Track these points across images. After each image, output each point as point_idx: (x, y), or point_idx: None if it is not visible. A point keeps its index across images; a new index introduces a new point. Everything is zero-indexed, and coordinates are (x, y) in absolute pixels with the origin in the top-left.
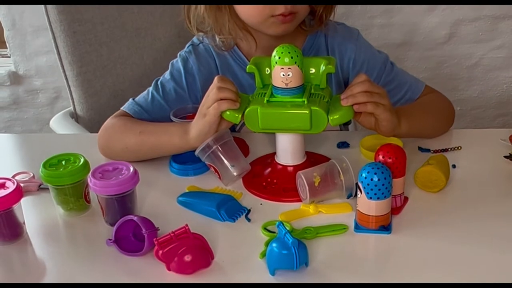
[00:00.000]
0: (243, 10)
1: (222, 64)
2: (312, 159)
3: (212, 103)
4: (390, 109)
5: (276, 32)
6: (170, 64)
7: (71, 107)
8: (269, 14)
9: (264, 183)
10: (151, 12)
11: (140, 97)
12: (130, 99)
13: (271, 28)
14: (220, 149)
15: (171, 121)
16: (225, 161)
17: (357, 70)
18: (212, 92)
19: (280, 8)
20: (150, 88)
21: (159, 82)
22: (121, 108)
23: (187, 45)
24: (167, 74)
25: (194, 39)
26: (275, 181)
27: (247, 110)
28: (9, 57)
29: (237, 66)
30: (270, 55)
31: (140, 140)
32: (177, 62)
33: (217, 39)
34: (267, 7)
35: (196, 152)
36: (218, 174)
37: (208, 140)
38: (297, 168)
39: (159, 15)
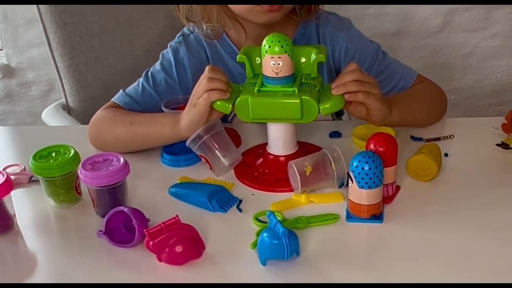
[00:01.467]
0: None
1: (212, 54)
2: (303, 148)
3: (202, 93)
4: (381, 99)
5: (263, 21)
6: (160, 55)
7: (63, 99)
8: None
9: (255, 174)
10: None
11: (130, 88)
12: (121, 90)
13: (258, 16)
14: (211, 139)
15: (162, 112)
16: (216, 152)
17: (349, 60)
18: (202, 82)
19: None
20: (141, 79)
21: (149, 73)
22: (112, 100)
23: (177, 35)
24: (157, 65)
25: (185, 29)
26: (266, 171)
27: (237, 99)
28: (1, 50)
29: (228, 55)
30: (260, 45)
31: (130, 131)
32: (168, 53)
33: (204, 27)
34: None
35: (187, 143)
36: (210, 165)
37: (198, 131)
38: (289, 158)
39: (151, 6)
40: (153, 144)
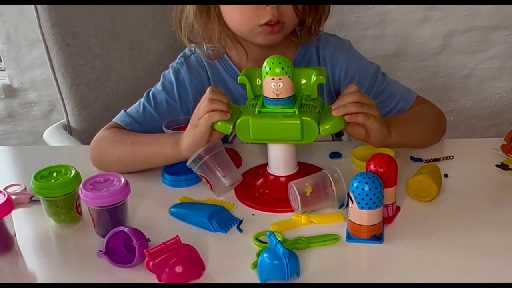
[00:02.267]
0: (231, 19)
1: (213, 75)
2: (304, 169)
3: (203, 114)
4: (380, 120)
5: (264, 42)
6: (162, 76)
7: (65, 120)
8: (256, 24)
9: (256, 194)
10: (145, 25)
11: (131, 109)
12: (122, 111)
13: (259, 37)
14: (211, 159)
15: (163, 132)
16: (217, 172)
17: (349, 81)
18: (203, 103)
19: (267, 16)
20: (142, 100)
21: (150, 94)
22: (113, 120)
23: (178, 56)
24: (158, 86)
25: (186, 50)
26: (267, 191)
27: (238, 120)
28: (4, 70)
29: (229, 76)
30: (261, 66)
31: (132, 151)
32: (169, 73)
33: (205, 47)
34: (254, 16)
35: (188, 163)
36: (210, 185)
37: (199, 151)
38: (289, 178)
39: (153, 28)
40: (154, 165)
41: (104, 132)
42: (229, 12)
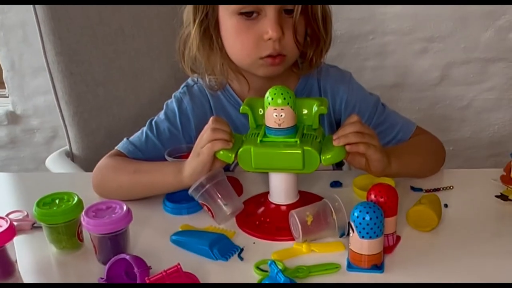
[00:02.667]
0: (233, 51)
1: (216, 105)
2: (305, 198)
3: (206, 143)
4: (381, 150)
5: (265, 74)
6: (164, 105)
7: (67, 146)
8: (258, 56)
9: (257, 222)
10: (148, 54)
11: (134, 137)
12: (125, 139)
13: (260, 69)
14: (213, 188)
15: (165, 160)
16: (218, 200)
17: (350, 111)
18: (206, 132)
19: (268, 48)
20: (144, 128)
21: (153, 122)
22: (116, 148)
23: (181, 86)
24: (161, 115)
25: (189, 80)
26: (268, 220)
27: (240, 150)
28: (7, 97)
29: (231, 106)
30: (263, 96)
31: (133, 179)
32: (172, 102)
33: (207, 79)
34: (255, 48)
35: (190, 191)
36: (211, 213)
37: (201, 179)
38: (290, 207)
39: (156, 57)
40: (156, 192)
41: (106, 159)
42: (231, 44)
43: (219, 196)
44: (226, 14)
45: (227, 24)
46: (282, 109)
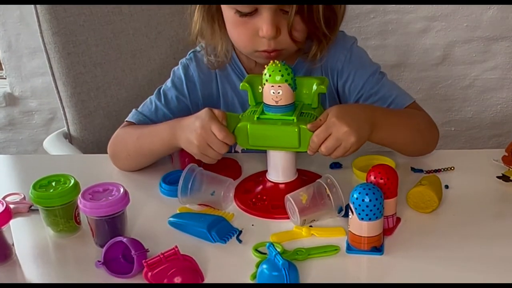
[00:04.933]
0: (232, 39)
1: (221, 74)
2: (303, 176)
3: (198, 140)
4: (358, 139)
5: (263, 62)
6: (171, 72)
7: (65, 128)
8: (254, 49)
9: (253, 200)
10: (147, 34)
11: (143, 107)
12: (134, 110)
13: (258, 59)
14: (197, 192)
15: None
16: (209, 196)
17: (343, 82)
18: (202, 131)
19: (263, 45)
20: (153, 97)
21: (161, 91)
22: (126, 120)
23: (189, 52)
24: (168, 82)
25: (197, 47)
26: (264, 197)
27: (237, 126)
28: (5, 78)
29: (236, 77)
30: None
31: (138, 145)
32: (178, 69)
33: (205, 59)
34: (250, 42)
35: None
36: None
37: (183, 199)
38: (288, 185)
39: (155, 37)
40: (159, 157)
41: (118, 131)
42: (229, 32)
43: (204, 196)
44: (225, 5)
45: (225, 13)
46: (279, 86)
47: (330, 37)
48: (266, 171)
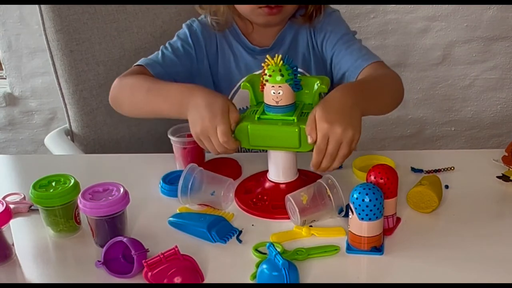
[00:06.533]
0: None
1: (221, 38)
2: (304, 176)
3: (211, 137)
4: (354, 130)
5: (263, 22)
6: (176, 35)
7: (67, 125)
8: (256, 5)
9: (254, 200)
10: (151, 33)
11: (150, 56)
12: (142, 59)
13: (258, 18)
14: (197, 193)
15: (184, 77)
16: (210, 196)
17: (321, 39)
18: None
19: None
20: (158, 51)
21: (167, 44)
22: (134, 64)
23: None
24: (174, 38)
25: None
26: (265, 197)
27: (238, 126)
28: (5, 78)
29: (236, 43)
30: (265, 36)
31: (146, 99)
32: (183, 29)
33: (209, 19)
34: None
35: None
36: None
37: (183, 198)
38: (289, 185)
39: (159, 36)
40: (166, 117)
41: (126, 76)
42: None
43: (204, 196)
44: None
45: None
46: (280, 86)
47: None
48: (267, 171)
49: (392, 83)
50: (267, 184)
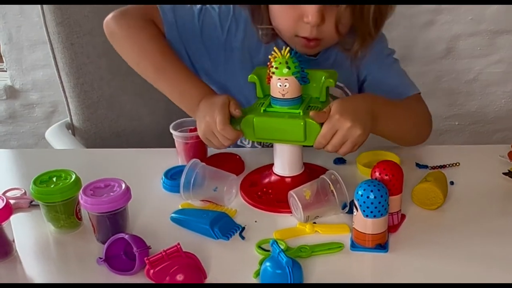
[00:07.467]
0: (274, 21)
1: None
2: (309, 170)
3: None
4: (362, 130)
5: (300, 51)
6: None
7: (68, 118)
8: (294, 33)
9: (259, 193)
10: None
11: (183, 9)
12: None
13: (296, 46)
14: (200, 188)
15: (199, 48)
16: (212, 191)
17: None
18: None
19: (305, 31)
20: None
21: (204, 7)
22: (158, 6)
23: None
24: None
25: None
26: (270, 191)
27: (244, 118)
28: (6, 71)
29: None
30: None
31: (153, 76)
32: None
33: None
34: (293, 26)
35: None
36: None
37: (185, 193)
38: (294, 179)
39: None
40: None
41: (141, 19)
42: (273, 13)
43: (206, 191)
44: None
45: None
46: (286, 79)
47: (374, 37)
48: (273, 164)
49: (419, 122)
50: (273, 178)
